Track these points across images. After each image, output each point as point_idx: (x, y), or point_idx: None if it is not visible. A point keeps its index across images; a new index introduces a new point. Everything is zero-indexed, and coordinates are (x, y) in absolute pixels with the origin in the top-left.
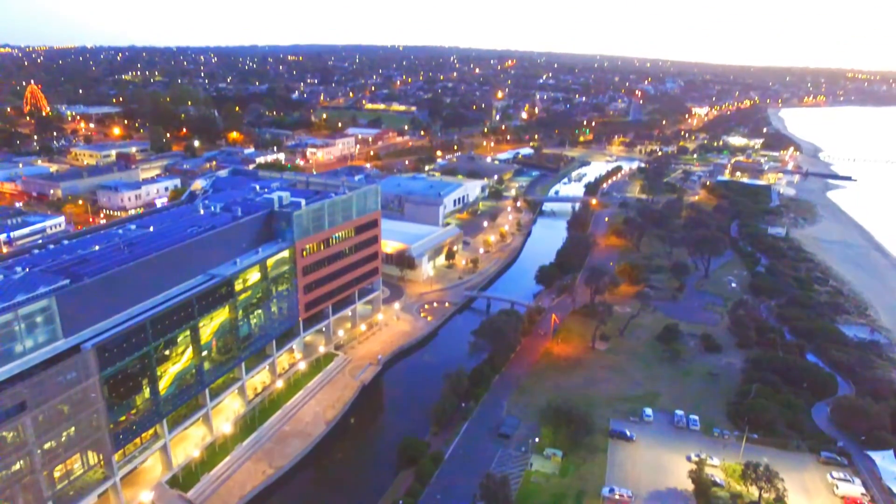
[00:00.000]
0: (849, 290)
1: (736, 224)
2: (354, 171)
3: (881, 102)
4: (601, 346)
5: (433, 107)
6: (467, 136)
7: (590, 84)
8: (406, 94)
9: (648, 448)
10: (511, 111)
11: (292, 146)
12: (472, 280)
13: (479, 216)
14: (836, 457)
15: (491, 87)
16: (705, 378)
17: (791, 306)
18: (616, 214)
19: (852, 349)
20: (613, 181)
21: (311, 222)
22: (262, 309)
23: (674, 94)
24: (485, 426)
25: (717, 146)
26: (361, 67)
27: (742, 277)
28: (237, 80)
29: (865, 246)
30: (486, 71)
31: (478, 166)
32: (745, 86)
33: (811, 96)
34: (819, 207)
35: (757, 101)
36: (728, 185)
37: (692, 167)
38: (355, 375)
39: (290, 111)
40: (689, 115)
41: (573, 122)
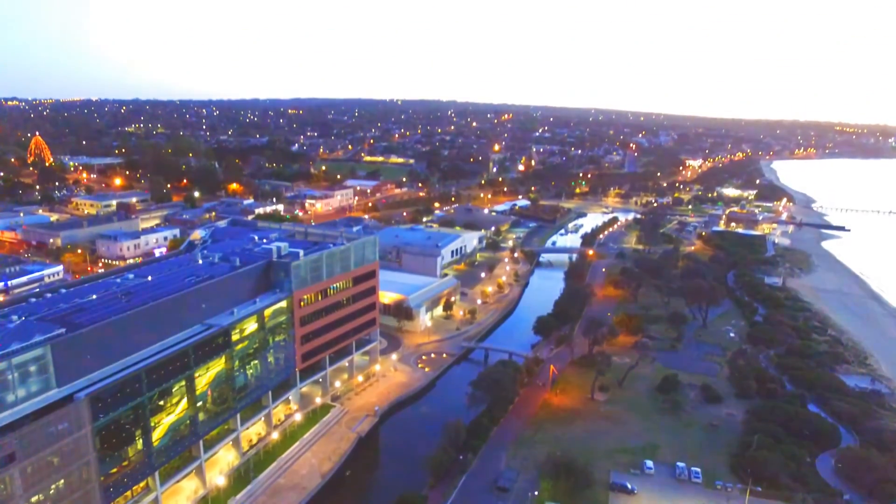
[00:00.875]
0: (848, 340)
1: (732, 274)
2: (353, 223)
3: (869, 155)
4: (600, 397)
5: (431, 159)
6: (465, 188)
7: (585, 137)
8: (404, 146)
9: (650, 501)
10: (508, 164)
11: (291, 197)
12: (470, 331)
13: (476, 267)
14: None
15: (488, 140)
16: (706, 429)
17: (790, 356)
18: (613, 265)
19: (854, 399)
20: (610, 232)
21: (309, 273)
22: (258, 359)
23: (668, 146)
24: (483, 479)
25: (711, 197)
26: (360, 121)
27: (740, 327)
28: (238, 132)
29: (862, 295)
30: (484, 124)
31: (475, 218)
32: (737, 139)
33: (802, 149)
34: (814, 257)
35: (749, 153)
36: (723, 235)
37: (687, 218)
38: (352, 427)
39: (289, 163)
40: (684, 167)
41: (569, 174)
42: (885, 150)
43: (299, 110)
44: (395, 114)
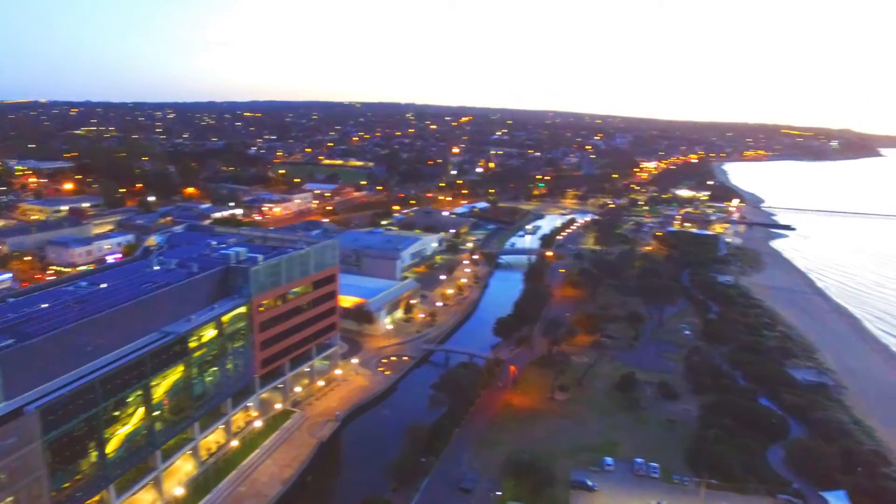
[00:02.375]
0: (796, 335)
1: (687, 273)
2: (312, 226)
3: (814, 157)
4: (560, 397)
5: (390, 162)
6: (424, 190)
7: (543, 139)
8: (363, 149)
9: (610, 497)
10: (467, 166)
11: (249, 201)
12: (431, 333)
13: (436, 269)
14: (792, 499)
15: (447, 142)
16: (663, 425)
17: (743, 352)
18: (571, 266)
19: (802, 392)
20: (568, 233)
21: (268, 278)
22: (217, 366)
23: (624, 148)
24: (446, 481)
25: (666, 198)
26: (319, 124)
27: (695, 325)
28: (194, 135)
29: (808, 292)
30: (443, 127)
31: (434, 220)
32: (690, 141)
33: (751, 150)
34: (764, 255)
35: (702, 155)
36: (678, 235)
37: (643, 219)
38: (313, 432)
39: (247, 167)
40: (639, 169)
41: (527, 176)
42: (828, 153)
43: (257, 113)
44: (353, 117)
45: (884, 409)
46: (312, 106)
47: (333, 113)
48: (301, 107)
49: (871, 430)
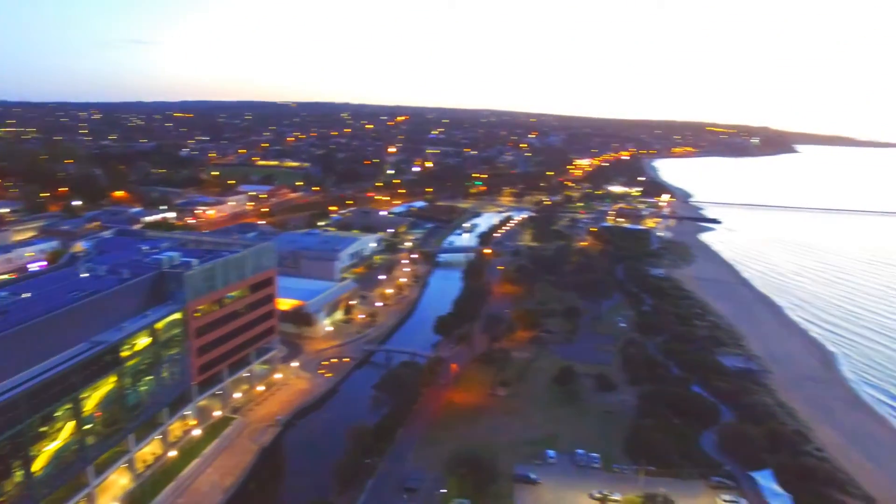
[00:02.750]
0: (724, 324)
1: (621, 267)
2: (248, 229)
3: (737, 153)
4: (501, 392)
5: (326, 162)
6: (361, 190)
7: (479, 138)
8: (299, 150)
9: (553, 489)
10: (404, 165)
11: (182, 204)
12: (371, 334)
13: (375, 270)
14: (725, 480)
15: (383, 142)
16: (602, 416)
17: (676, 342)
18: (509, 263)
19: (731, 378)
20: (505, 231)
21: (203, 282)
22: (152, 375)
23: (558, 146)
24: (391, 481)
25: (599, 194)
26: (253, 124)
27: (630, 317)
28: (122, 137)
29: (734, 282)
30: (379, 126)
31: (372, 220)
32: (621, 138)
33: (679, 147)
34: (693, 248)
35: (633, 151)
36: (612, 230)
37: (578, 215)
38: (254, 439)
39: (179, 169)
40: (573, 166)
41: (464, 174)
42: (749, 149)
43: (188, 114)
44: (288, 117)
45: (804, 390)
46: (246, 106)
47: (267, 113)
48: (234, 107)
49: (793, 412)
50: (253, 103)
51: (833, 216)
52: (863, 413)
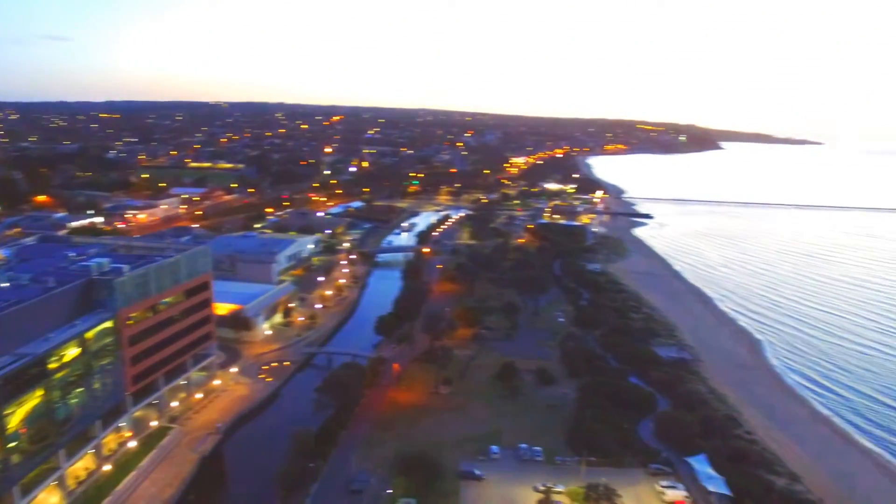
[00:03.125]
0: (658, 316)
1: (558, 263)
2: (181, 233)
3: (666, 150)
4: (444, 390)
5: (261, 163)
6: (297, 191)
7: (415, 137)
8: (232, 151)
9: (498, 484)
10: (340, 166)
11: (110, 209)
12: (311, 336)
13: (313, 271)
14: (662, 467)
15: (319, 142)
16: (544, 410)
17: (613, 334)
18: (448, 261)
19: (666, 368)
20: (443, 229)
21: (135, 289)
22: (83, 387)
23: (493, 145)
24: (336, 484)
25: (535, 192)
26: (184, 125)
27: (568, 312)
28: (43, 138)
29: (666, 275)
30: (314, 126)
31: (310, 221)
32: (555, 136)
33: (612, 144)
34: (627, 243)
35: (567, 149)
36: (548, 227)
37: (515, 212)
38: (194, 448)
39: (106, 171)
40: (509, 164)
41: (401, 174)
42: (677, 146)
43: (114, 114)
44: (220, 117)
45: (734, 377)
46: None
47: (199, 113)
48: (163, 107)
49: (724, 398)
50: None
51: (753, 209)
52: (787, 396)
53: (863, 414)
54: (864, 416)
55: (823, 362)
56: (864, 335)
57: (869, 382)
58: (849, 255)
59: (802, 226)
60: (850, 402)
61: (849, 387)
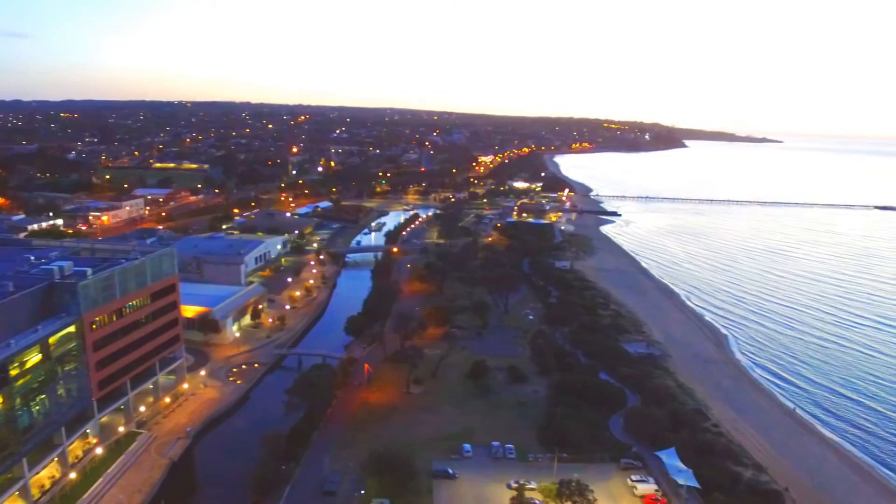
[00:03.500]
0: (626, 312)
1: (527, 261)
2: (146, 234)
3: (631, 148)
4: (415, 390)
5: (227, 164)
6: (264, 192)
7: (383, 137)
8: (197, 151)
9: (471, 482)
10: (307, 165)
11: (71, 210)
12: (281, 338)
13: (282, 272)
14: (633, 461)
15: (286, 142)
16: (515, 407)
17: (582, 331)
18: (418, 260)
19: (635, 363)
20: (412, 229)
21: (99, 292)
22: (45, 393)
23: (461, 144)
24: (308, 486)
25: (503, 190)
26: (147, 124)
27: (538, 309)
28: None
29: (634, 272)
30: (280, 126)
31: (277, 222)
32: (522, 135)
33: (578, 143)
34: (595, 241)
35: (534, 148)
36: (516, 225)
37: (483, 211)
38: (162, 453)
39: (66, 172)
40: (477, 163)
41: (369, 173)
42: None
43: (73, 114)
44: (184, 117)
45: (700, 371)
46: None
47: (162, 113)
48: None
49: (692, 392)
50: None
51: (716, 206)
52: (752, 389)
53: (823, 405)
54: (824, 408)
55: (785, 356)
56: (823, 329)
57: (828, 374)
58: (809, 251)
59: (764, 222)
60: (811, 394)
61: (809, 379)
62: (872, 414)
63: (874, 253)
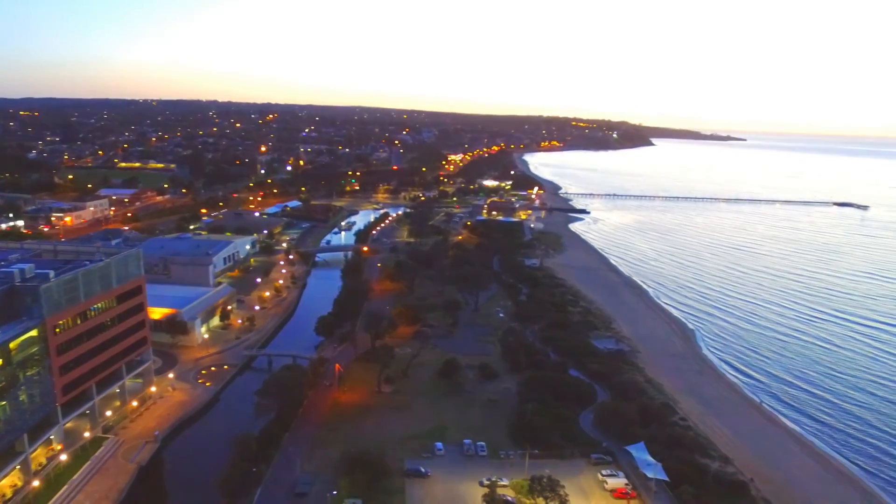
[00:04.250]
0: (596, 309)
1: (497, 259)
2: (111, 235)
3: (599, 146)
4: (387, 389)
5: (194, 163)
6: (233, 191)
7: (352, 135)
8: (164, 150)
9: (443, 481)
10: (276, 165)
11: (33, 211)
12: (251, 339)
13: (251, 272)
14: (603, 456)
15: (254, 141)
16: (486, 405)
17: (552, 328)
18: (388, 259)
19: (604, 359)
20: (382, 227)
21: (63, 295)
22: (7, 400)
23: (430, 142)
24: (280, 488)
25: (473, 189)
26: (111, 123)
27: (508, 307)
28: None
29: (603, 269)
30: (248, 125)
31: (246, 222)
32: (492, 133)
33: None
34: (564, 238)
35: (504, 146)
36: (486, 223)
37: (453, 209)
38: (130, 458)
39: (27, 172)
40: (447, 162)
41: (338, 172)
42: (610, 142)
43: (33, 112)
44: (150, 116)
45: (668, 366)
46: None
47: (127, 111)
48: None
49: (660, 386)
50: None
51: (682, 204)
52: (718, 383)
53: (784, 398)
54: (785, 400)
55: (749, 350)
56: (784, 323)
57: (788, 368)
58: (771, 248)
59: (728, 219)
60: (773, 387)
61: (770, 373)
62: (830, 405)
63: (832, 249)
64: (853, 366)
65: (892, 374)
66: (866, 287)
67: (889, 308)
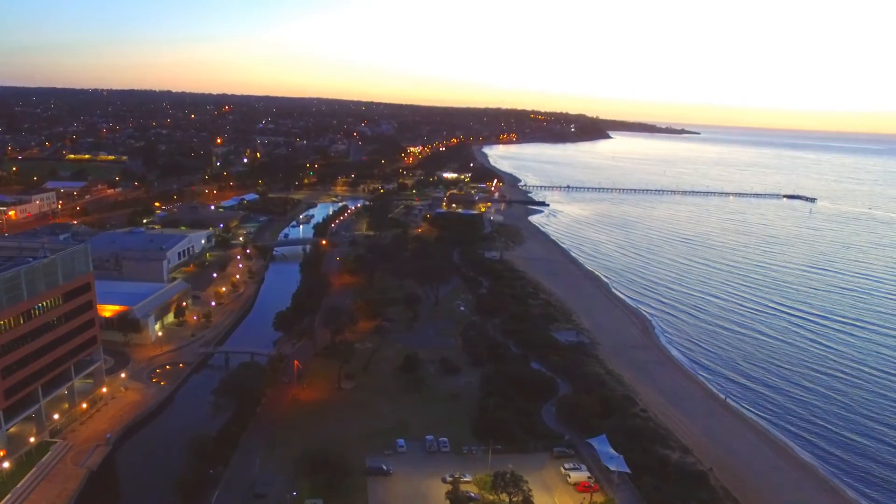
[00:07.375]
0: (556, 301)
1: (457, 252)
2: (59, 230)
3: (558, 139)
4: (347, 385)
5: (147, 155)
6: (187, 184)
7: (310, 127)
8: (115, 142)
9: (406, 478)
10: (232, 157)
11: None
12: (207, 335)
13: (207, 267)
14: (566, 449)
15: (209, 133)
16: (448, 400)
17: (513, 321)
18: (347, 253)
19: (565, 352)
20: (341, 221)
21: (4, 294)
22: None
23: (389, 134)
24: (238, 489)
25: (432, 181)
26: (59, 113)
27: (469, 300)
28: None
29: (563, 261)
30: (203, 116)
31: (201, 215)
32: (451, 126)
33: (506, 134)
34: (523, 231)
35: (462, 138)
36: (446, 216)
37: (413, 202)
38: (80, 462)
39: None
40: (406, 154)
41: (296, 165)
42: (568, 135)
43: None
44: (100, 106)
45: (628, 358)
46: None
47: (76, 101)
48: (34, 94)
49: (620, 378)
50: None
51: (638, 196)
52: (676, 373)
53: (739, 387)
54: (741, 390)
55: (704, 340)
56: (738, 313)
57: (743, 358)
58: (724, 239)
59: (682, 211)
60: (729, 377)
61: (725, 362)
62: (781, 394)
63: (781, 241)
64: (802, 357)
65: (839, 365)
66: (808, 280)
67: (831, 302)
